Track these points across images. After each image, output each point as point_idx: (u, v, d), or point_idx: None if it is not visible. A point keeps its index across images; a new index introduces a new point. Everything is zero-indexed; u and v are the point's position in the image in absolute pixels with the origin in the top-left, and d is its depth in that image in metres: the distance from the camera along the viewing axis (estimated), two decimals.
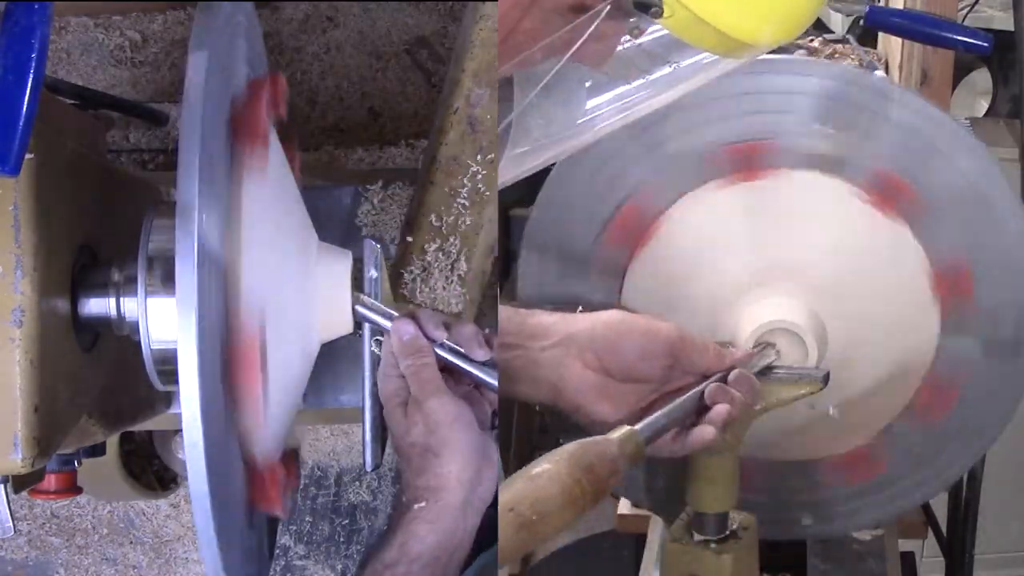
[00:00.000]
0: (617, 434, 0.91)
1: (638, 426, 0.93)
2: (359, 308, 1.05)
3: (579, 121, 0.85)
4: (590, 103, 0.84)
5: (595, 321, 1.05)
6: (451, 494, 0.98)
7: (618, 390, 1.03)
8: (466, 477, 0.99)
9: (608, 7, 0.74)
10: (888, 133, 1.15)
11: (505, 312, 1.05)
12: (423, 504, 0.98)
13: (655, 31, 0.77)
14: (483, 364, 1.03)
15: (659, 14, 0.72)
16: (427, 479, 0.99)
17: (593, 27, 0.75)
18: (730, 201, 1.17)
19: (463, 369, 1.03)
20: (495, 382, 1.02)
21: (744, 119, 1.15)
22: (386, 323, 1.04)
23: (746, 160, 1.16)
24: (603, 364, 1.03)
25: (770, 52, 0.83)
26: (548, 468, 0.85)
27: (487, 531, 1.01)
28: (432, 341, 1.02)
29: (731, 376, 1.03)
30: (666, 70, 0.80)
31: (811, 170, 1.16)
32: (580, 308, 1.08)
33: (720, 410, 0.99)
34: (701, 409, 1.01)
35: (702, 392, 1.01)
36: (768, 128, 1.15)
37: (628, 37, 0.78)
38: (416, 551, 0.97)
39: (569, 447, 0.87)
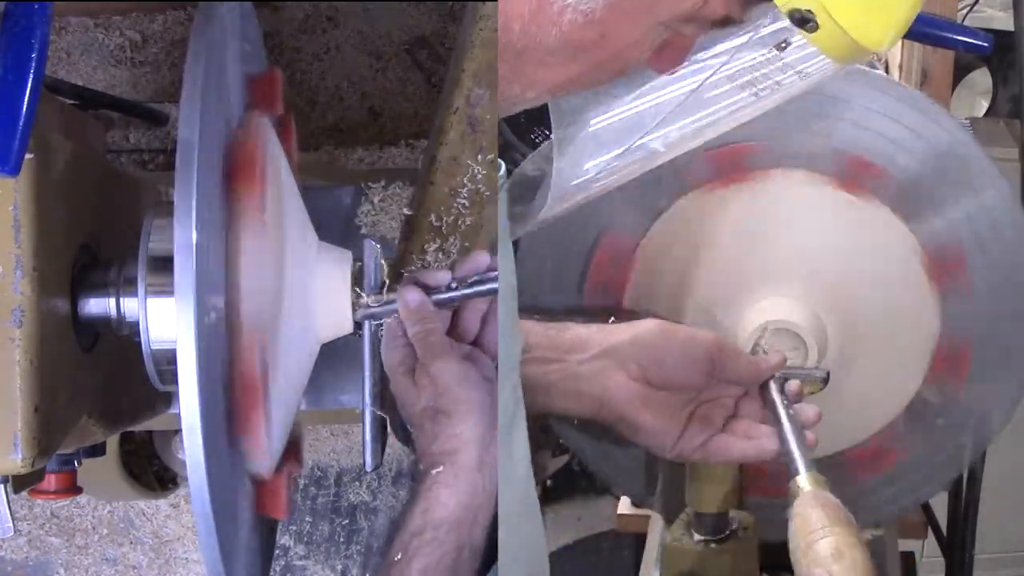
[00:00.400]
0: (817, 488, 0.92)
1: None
2: (361, 308, 1.05)
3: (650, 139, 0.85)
4: (682, 121, 0.85)
5: (635, 331, 1.05)
6: (466, 454, 0.98)
7: (660, 399, 1.03)
8: (478, 436, 0.98)
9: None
10: (850, 115, 1.14)
11: (535, 327, 1.04)
12: (440, 468, 0.97)
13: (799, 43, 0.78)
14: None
15: (815, 29, 0.73)
16: (441, 443, 0.98)
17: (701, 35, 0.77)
18: (718, 205, 1.17)
19: (481, 292, 1.01)
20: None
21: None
22: (392, 308, 1.03)
23: (731, 164, 1.16)
24: (645, 374, 1.03)
25: None
26: None
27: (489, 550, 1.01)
28: (440, 289, 1.01)
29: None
30: (794, 79, 0.80)
31: (788, 168, 1.15)
32: (612, 319, 1.08)
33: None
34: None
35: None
36: (751, 131, 1.13)
37: (774, 50, 0.79)
38: (440, 516, 0.96)
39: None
